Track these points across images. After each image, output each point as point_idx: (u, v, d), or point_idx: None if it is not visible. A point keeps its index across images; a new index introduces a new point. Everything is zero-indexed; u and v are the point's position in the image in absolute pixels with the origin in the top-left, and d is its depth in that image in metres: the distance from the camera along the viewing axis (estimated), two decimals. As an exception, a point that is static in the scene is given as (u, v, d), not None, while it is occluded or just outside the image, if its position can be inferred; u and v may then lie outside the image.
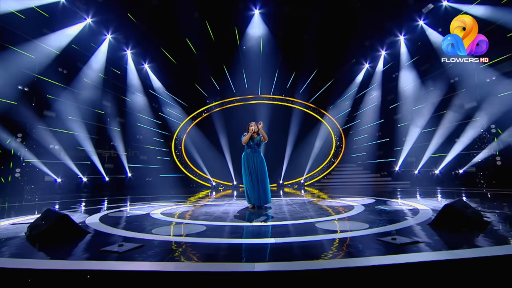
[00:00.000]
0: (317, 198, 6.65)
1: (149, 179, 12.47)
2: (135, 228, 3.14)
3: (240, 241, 2.49)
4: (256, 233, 2.84)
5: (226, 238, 2.59)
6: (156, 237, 2.64)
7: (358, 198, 6.33)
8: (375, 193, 7.82)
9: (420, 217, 3.46)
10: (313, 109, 14.22)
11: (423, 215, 3.60)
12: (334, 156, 13.93)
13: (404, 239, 2.24)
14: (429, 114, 10.14)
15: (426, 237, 2.42)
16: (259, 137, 4.72)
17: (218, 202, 6.01)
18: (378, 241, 2.30)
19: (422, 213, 3.72)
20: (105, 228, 3.12)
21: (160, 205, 5.46)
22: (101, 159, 10.35)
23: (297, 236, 2.63)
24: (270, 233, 2.79)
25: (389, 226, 2.95)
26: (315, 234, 2.68)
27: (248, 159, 4.66)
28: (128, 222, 3.54)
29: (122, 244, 2.22)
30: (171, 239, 2.56)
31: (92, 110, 9.92)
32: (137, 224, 3.39)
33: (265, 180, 4.66)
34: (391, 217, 3.59)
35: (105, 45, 10.21)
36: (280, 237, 2.53)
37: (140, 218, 3.87)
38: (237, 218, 3.76)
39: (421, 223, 3.06)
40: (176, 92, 13.78)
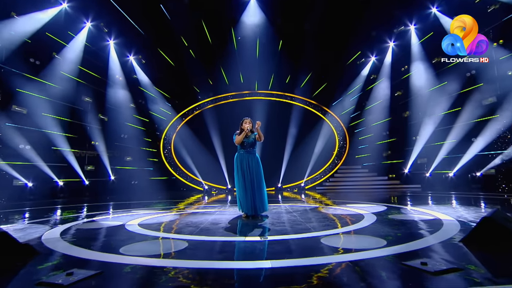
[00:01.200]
0: (320, 204, 6.32)
1: (134, 182, 12.15)
2: (102, 245, 2.73)
3: (226, 264, 2.09)
4: (248, 252, 2.45)
5: (210, 261, 2.19)
6: (122, 259, 2.23)
7: (366, 204, 6.00)
8: (385, 199, 7.51)
9: (446, 230, 3.08)
10: (315, 106, 14.06)
11: (449, 227, 3.22)
12: (337, 157, 13.77)
13: (437, 264, 1.85)
14: (443, 111, 9.87)
15: (465, 260, 2.04)
16: (254, 135, 4.38)
17: (208, 210, 5.66)
18: (403, 265, 1.92)
19: (448, 226, 3.34)
20: (63, 246, 2.70)
21: (142, 214, 5.09)
22: (80, 161, 9.94)
23: (299, 257, 2.23)
24: (266, 253, 2.40)
25: (412, 243, 2.57)
26: (321, 254, 2.29)
27: (242, 161, 4.33)
28: (95, 237, 3.12)
29: (72, 272, 1.81)
30: (140, 262, 2.15)
31: (70, 106, 9.49)
32: (105, 240, 2.98)
33: (261, 185, 4.33)
34: (410, 230, 3.21)
35: (84, 33, 9.78)
36: (278, 259, 2.15)
37: (112, 231, 3.46)
38: (228, 231, 3.38)
39: (450, 239, 2.68)
40: (165, 87, 13.50)
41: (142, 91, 12.95)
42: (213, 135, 12.93)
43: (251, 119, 4.44)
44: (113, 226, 3.83)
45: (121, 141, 11.86)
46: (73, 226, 3.85)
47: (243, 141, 4.36)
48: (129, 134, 12.12)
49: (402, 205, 5.77)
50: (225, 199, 9.05)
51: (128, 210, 5.64)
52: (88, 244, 2.76)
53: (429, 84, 10.38)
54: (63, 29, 8.97)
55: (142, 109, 13.02)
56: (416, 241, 2.65)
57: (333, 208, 5.56)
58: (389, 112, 12.60)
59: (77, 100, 9.77)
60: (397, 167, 12.32)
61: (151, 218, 4.49)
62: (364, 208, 5.24)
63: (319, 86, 13.93)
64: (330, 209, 5.39)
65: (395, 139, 12.48)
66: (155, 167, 13.09)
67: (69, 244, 2.75)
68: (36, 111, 8.16)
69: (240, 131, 4.36)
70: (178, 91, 13.77)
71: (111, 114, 11.35)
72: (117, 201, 8.08)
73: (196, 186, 13.11)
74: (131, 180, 12.02)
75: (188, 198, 9.05)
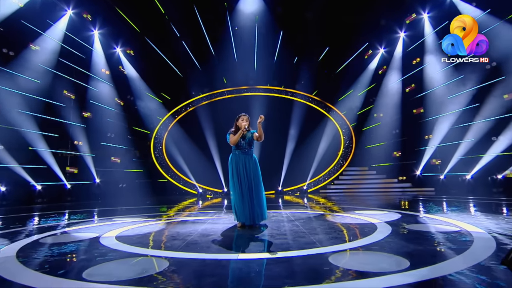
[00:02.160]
0: (325, 211, 6.04)
1: (122, 185, 11.86)
2: (62, 267, 2.38)
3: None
4: (241, 277, 2.12)
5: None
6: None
7: (377, 211, 5.70)
8: (396, 204, 7.23)
9: (479, 247, 2.72)
10: (318, 102, 13.99)
11: (481, 243, 2.86)
12: (343, 158, 13.68)
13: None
14: (460, 107, 9.61)
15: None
16: (251, 133, 4.12)
17: (200, 217, 5.35)
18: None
19: (479, 241, 2.99)
20: (13, 269, 2.35)
21: (125, 222, 4.79)
22: (61, 162, 9.61)
23: (303, 283, 1.89)
24: (263, 277, 2.06)
25: (441, 264, 2.23)
26: (331, 280, 1.95)
27: (238, 163, 4.06)
28: (58, 256, 2.78)
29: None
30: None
31: (49, 101, 9.17)
32: (69, 260, 2.64)
33: (259, 191, 4.07)
34: (434, 245, 2.87)
35: (65, 21, 9.45)
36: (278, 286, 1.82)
37: (82, 247, 3.13)
38: (219, 245, 3.07)
39: (486, 260, 2.33)
40: (155, 83, 13.28)
41: (131, 86, 12.68)
42: (207, 134, 12.78)
43: (248, 116, 4.17)
44: (85, 240, 3.49)
45: (108, 141, 11.58)
46: (39, 240, 3.50)
47: (239, 140, 4.08)
48: (116, 133, 11.84)
49: (417, 212, 5.46)
50: (220, 203, 8.88)
51: (110, 218, 5.34)
52: (47, 265, 2.42)
53: (444, 77, 10.12)
54: (41, 17, 8.65)
55: (131, 106, 12.76)
56: (447, 261, 2.31)
57: (340, 215, 5.25)
58: (399, 108, 12.42)
59: (57, 95, 9.45)
60: (409, 168, 12.11)
61: (133, 228, 4.18)
62: (376, 216, 4.92)
63: (323, 81, 13.75)
64: (337, 216, 5.08)
65: (406, 138, 12.28)
66: (145, 169, 12.89)
67: (22, 267, 2.40)
68: (10, 107, 7.82)
69: (235, 129, 4.10)
70: (170, 86, 13.59)
71: (96, 111, 11.05)
72: (101, 207, 7.81)
73: (190, 190, 12.94)
74: (118, 183, 11.72)
75: (180, 203, 8.87)
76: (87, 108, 10.79)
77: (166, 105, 13.71)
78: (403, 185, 12.01)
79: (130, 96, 12.77)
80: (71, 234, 3.92)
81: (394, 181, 12.45)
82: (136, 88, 12.80)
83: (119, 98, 12.21)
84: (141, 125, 13.10)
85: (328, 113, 13.89)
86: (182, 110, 13.80)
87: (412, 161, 11.93)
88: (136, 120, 12.89)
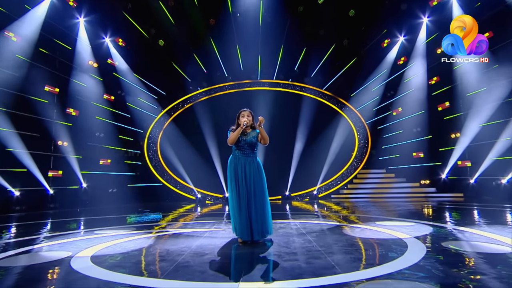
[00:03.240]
0: (340, 221, 5.70)
1: (112, 190, 11.69)
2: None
3: None
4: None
5: None
6: None
7: (402, 222, 5.31)
8: (422, 213, 6.83)
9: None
10: (330, 98, 13.91)
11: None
12: (357, 159, 13.57)
13: None
14: (495, 101, 9.15)
15: None
16: (256, 133, 3.90)
17: (196, 229, 5.05)
18: None
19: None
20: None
21: (108, 236, 4.48)
22: (43, 165, 9.37)
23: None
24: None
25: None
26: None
27: (236, 167, 3.81)
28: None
29: None
30: None
31: (28, 97, 8.89)
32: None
33: (263, 200, 3.78)
34: (494, 273, 2.43)
35: (45, 7, 9.15)
36: None
37: (45, 272, 2.76)
38: (213, 269, 2.70)
39: None
40: (149, 76, 13.24)
41: (121, 80, 12.51)
42: (207, 133, 12.73)
43: (250, 111, 3.95)
44: (53, 261, 3.11)
45: (96, 141, 11.40)
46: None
47: (239, 139, 3.83)
48: (105, 132, 11.64)
49: (450, 224, 5.03)
50: (221, 210, 8.69)
51: (93, 231, 5.02)
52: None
53: (475, 67, 9.68)
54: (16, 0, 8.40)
55: (121, 102, 12.60)
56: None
57: (359, 227, 4.89)
58: (422, 103, 12.02)
59: (37, 90, 9.18)
60: (432, 171, 11.81)
61: (116, 244, 3.85)
62: (401, 229, 4.52)
63: (335, 74, 13.66)
64: (355, 229, 4.72)
65: (430, 136, 11.89)
66: (138, 172, 12.80)
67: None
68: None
69: (237, 127, 3.88)
70: (165, 80, 13.55)
71: (82, 108, 10.81)
72: (86, 216, 7.59)
73: (187, 195, 12.82)
74: (108, 187, 11.56)
75: (175, 211, 8.73)
76: (73, 104, 10.54)
77: (161, 101, 13.63)
78: (427, 190, 11.69)
79: (120, 91, 12.61)
80: (39, 253, 3.57)
81: (416, 185, 12.17)
82: (128, 82, 12.66)
83: (108, 93, 12.03)
84: (133, 123, 12.94)
85: (340, 109, 13.77)
86: (179, 106, 13.75)
87: (437, 162, 11.63)
88: (127, 118, 12.74)
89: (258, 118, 3.80)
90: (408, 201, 10.21)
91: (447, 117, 11.18)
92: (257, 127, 3.81)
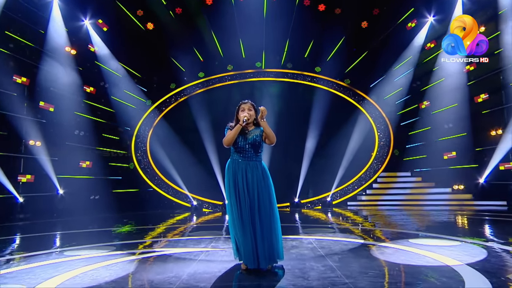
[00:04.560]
0: (363, 236, 5.42)
1: (94, 197, 11.40)
2: None
3: None
4: None
5: None
6: None
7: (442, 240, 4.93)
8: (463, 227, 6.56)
9: None
10: (346, 89, 13.69)
11: None
12: (378, 160, 13.36)
13: None
14: None
15: None
16: (259, 131, 3.60)
17: (190, 248, 4.74)
18: None
19: None
20: None
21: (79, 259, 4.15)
22: (11, 169, 9.12)
23: None
24: None
25: None
26: None
27: (236, 174, 3.50)
28: None
29: None
30: None
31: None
32: None
33: (271, 216, 3.45)
34: None
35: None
36: None
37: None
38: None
39: None
40: (136, 65, 13.04)
41: (104, 70, 12.28)
42: (203, 132, 12.55)
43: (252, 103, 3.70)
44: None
45: (75, 140, 11.12)
46: None
47: (238, 140, 3.53)
48: (86, 130, 11.43)
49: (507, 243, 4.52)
50: (220, 221, 8.65)
51: (63, 251, 4.66)
52: None
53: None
54: None
55: (104, 95, 12.37)
56: None
57: (390, 247, 4.52)
58: (455, 95, 11.65)
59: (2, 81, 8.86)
60: (467, 174, 11.52)
61: (86, 273, 3.46)
62: (445, 250, 4.15)
63: (352, 62, 13.42)
64: (385, 249, 4.37)
65: (465, 134, 11.51)
66: (124, 176, 12.63)
67: None
68: None
69: (235, 123, 3.58)
70: (156, 70, 13.42)
71: (59, 102, 10.52)
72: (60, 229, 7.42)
73: (182, 202, 12.66)
74: (89, 194, 11.29)
75: (166, 221, 8.72)
76: (46, 97, 10.24)
77: (151, 94, 13.44)
78: (461, 197, 11.38)
79: (103, 82, 12.35)
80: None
81: (447, 190, 11.90)
82: (111, 72, 12.44)
83: (89, 85, 11.77)
84: (118, 119, 12.71)
85: (358, 103, 13.52)
86: (171, 100, 13.54)
87: (473, 165, 11.38)
88: (112, 113, 12.50)
89: (259, 109, 3.56)
90: (440, 210, 9.98)
91: (486, 110, 10.85)
92: (259, 120, 3.54)
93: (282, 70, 13.62)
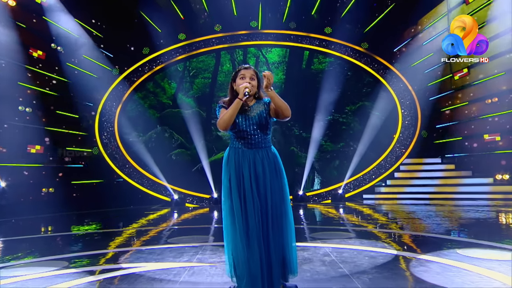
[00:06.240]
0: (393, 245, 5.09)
1: (47, 190, 11.19)
2: None
3: None
4: None
5: None
6: None
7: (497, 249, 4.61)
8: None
9: None
10: (363, 56, 13.58)
11: None
12: (401, 144, 13.41)
13: None
14: None
15: None
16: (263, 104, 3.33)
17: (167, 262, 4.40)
18: None
19: None
20: None
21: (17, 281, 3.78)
22: None
23: None
24: None
25: None
26: None
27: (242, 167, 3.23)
28: None
29: None
30: None
31: None
32: None
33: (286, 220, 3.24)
34: None
35: None
36: None
37: None
38: None
39: None
40: (99, 24, 12.85)
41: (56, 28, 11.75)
42: (185, 108, 12.91)
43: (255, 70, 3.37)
44: None
45: (20, 119, 10.72)
46: None
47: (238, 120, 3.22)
48: (34, 106, 11.02)
49: None
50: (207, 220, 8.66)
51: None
52: None
53: None
54: None
55: (58, 61, 11.86)
56: None
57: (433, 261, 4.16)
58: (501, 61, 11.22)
59: None
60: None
61: None
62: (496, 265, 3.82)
63: (371, 21, 13.23)
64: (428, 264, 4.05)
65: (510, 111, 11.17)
66: (87, 163, 12.49)
67: None
68: None
69: (231, 98, 3.29)
70: (124, 30, 13.18)
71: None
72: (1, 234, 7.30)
73: (159, 195, 12.74)
74: (40, 187, 11.06)
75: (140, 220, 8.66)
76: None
77: (118, 61, 13.20)
78: (506, 189, 11.21)
79: (55, 45, 11.79)
80: None
81: (487, 181, 11.73)
82: (66, 32, 11.94)
83: (36, 48, 11.22)
84: (77, 92, 12.34)
85: (378, 73, 13.43)
86: (145, 69, 13.44)
87: None
88: (68, 84, 12.08)
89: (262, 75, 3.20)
90: (482, 206, 9.74)
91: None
92: (265, 90, 3.17)
93: (283, 31, 13.52)
